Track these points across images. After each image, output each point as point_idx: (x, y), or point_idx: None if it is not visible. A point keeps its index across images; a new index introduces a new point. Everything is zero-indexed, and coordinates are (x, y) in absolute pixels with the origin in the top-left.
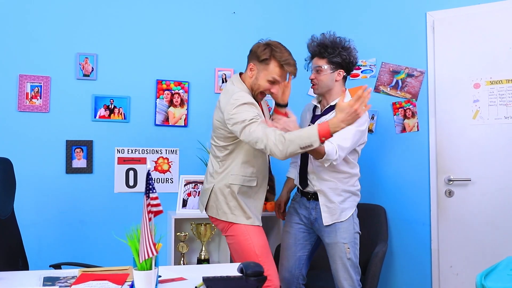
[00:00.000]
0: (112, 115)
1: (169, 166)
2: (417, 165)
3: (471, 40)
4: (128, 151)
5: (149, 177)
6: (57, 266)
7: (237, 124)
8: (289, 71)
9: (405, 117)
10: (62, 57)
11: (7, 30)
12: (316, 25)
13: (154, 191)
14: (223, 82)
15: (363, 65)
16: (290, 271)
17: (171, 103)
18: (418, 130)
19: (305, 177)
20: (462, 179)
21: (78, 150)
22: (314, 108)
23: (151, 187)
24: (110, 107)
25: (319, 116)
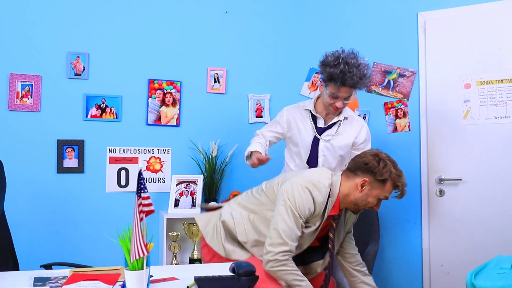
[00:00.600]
0: (104, 114)
1: (161, 165)
2: (409, 165)
3: (462, 40)
4: (120, 150)
5: (141, 177)
6: (48, 266)
7: None
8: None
9: (396, 117)
10: (53, 56)
11: None
12: (308, 24)
13: (146, 190)
14: (215, 81)
15: None
16: None
17: (163, 102)
18: (409, 130)
19: None
20: (453, 178)
21: (69, 149)
22: (314, 118)
23: (142, 186)
24: (101, 106)
25: (323, 129)
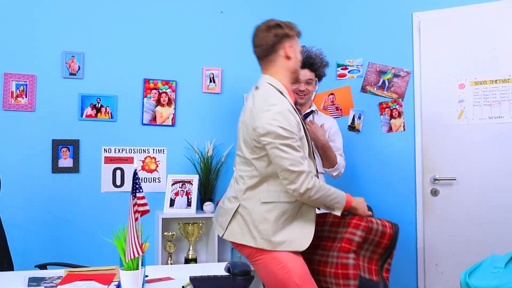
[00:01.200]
0: (99, 114)
1: (157, 165)
2: (403, 165)
3: (457, 41)
4: (115, 150)
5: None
6: (42, 267)
7: None
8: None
9: (391, 117)
10: (48, 56)
11: None
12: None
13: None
14: (210, 81)
15: (350, 65)
16: None
17: (158, 102)
18: (404, 130)
19: None
20: (448, 178)
21: (64, 149)
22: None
23: (137, 186)
24: (97, 106)
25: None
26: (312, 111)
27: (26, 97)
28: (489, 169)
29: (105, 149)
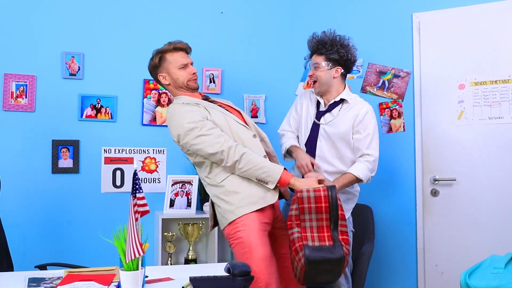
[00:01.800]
0: (99, 114)
1: (157, 166)
2: (403, 165)
3: (456, 41)
4: (115, 151)
5: (136, 177)
6: (42, 267)
7: None
8: (179, 47)
9: (391, 117)
10: (48, 56)
11: None
12: (303, 25)
13: (141, 191)
14: (210, 82)
15: None
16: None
17: (158, 102)
18: (404, 131)
19: None
20: (447, 179)
21: (64, 150)
22: (318, 103)
23: (137, 187)
24: (97, 106)
25: (323, 113)
26: (342, 100)
27: (26, 97)
28: (489, 170)
29: (105, 150)
